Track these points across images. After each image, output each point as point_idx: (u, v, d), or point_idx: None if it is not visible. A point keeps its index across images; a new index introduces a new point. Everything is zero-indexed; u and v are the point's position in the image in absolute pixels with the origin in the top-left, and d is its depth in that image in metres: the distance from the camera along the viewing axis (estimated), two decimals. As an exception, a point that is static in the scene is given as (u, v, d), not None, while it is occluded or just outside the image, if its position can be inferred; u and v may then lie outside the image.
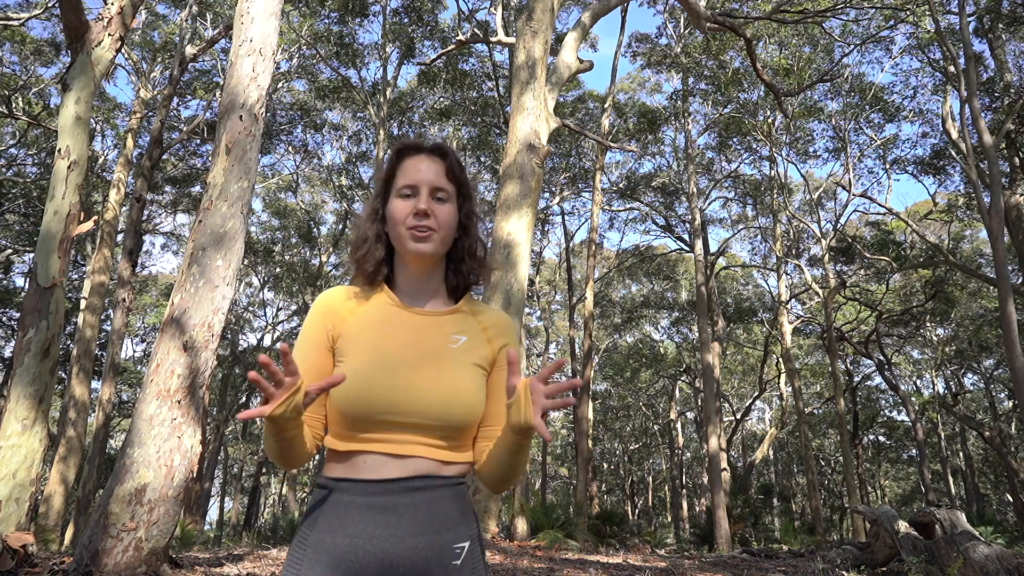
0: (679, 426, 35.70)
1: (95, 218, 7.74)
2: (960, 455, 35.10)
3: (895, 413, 34.42)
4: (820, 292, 22.86)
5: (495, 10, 15.62)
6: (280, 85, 22.20)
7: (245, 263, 26.13)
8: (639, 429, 39.04)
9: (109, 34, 6.99)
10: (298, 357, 1.33)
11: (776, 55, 20.40)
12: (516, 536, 12.55)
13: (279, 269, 28.98)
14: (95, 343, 15.80)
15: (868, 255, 22.14)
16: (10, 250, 22.56)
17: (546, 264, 31.99)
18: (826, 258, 22.98)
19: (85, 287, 17.94)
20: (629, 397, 36.63)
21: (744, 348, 33.06)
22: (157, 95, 18.92)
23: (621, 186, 26.12)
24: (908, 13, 17.35)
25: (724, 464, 20.68)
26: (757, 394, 26.88)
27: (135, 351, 33.67)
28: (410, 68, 27.33)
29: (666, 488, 42.60)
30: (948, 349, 28.63)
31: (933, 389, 30.73)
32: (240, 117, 5.38)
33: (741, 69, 20.85)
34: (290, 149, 25.89)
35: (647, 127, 23.67)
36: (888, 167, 23.19)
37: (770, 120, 22.13)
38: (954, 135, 17.84)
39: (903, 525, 6.36)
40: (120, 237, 18.80)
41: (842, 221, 24.36)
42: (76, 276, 23.26)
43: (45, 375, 5.94)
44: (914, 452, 33.74)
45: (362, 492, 1.25)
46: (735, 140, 23.92)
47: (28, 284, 7.10)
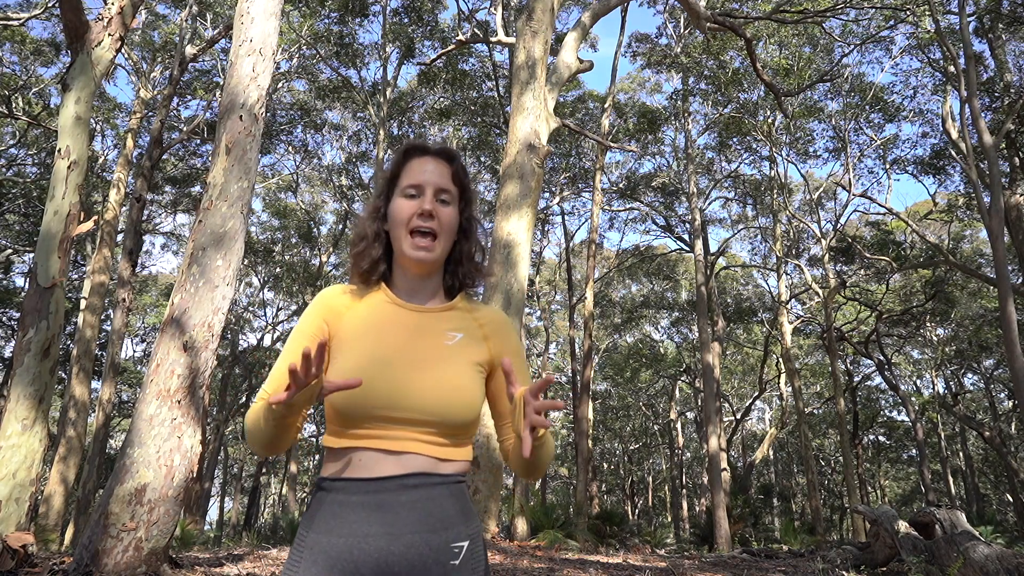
0: (679, 426, 35.69)
1: (95, 218, 7.73)
2: (960, 455, 35.09)
3: (895, 413, 34.43)
4: (820, 292, 22.85)
5: (495, 10, 15.62)
6: (280, 85, 22.20)
7: (245, 263, 26.11)
8: (639, 429, 39.03)
9: (109, 34, 6.99)
10: (293, 351, 1.35)
11: (776, 55, 20.39)
12: (516, 536, 12.55)
13: (279, 269, 28.99)
14: (95, 343, 15.80)
15: (868, 255, 22.13)
16: (10, 250, 22.55)
17: (546, 264, 31.99)
18: (826, 258, 22.97)
19: (85, 287, 17.94)
20: (629, 397, 36.62)
21: (744, 348, 33.04)
22: (157, 95, 18.91)
23: (621, 186, 26.12)
24: (908, 13, 17.34)
25: (724, 464, 20.69)
26: (757, 394, 26.89)
27: (135, 351, 33.69)
28: (410, 68, 27.32)
29: (666, 488, 42.59)
30: (948, 349, 28.61)
31: (933, 389, 30.72)
32: (240, 117, 5.38)
33: (741, 69, 20.84)
34: (290, 149, 25.90)
35: (647, 127, 23.66)
36: (888, 167, 23.17)
37: (770, 120, 22.12)
38: (954, 135, 17.83)
39: (903, 525, 6.35)
40: (120, 237, 18.79)
41: (842, 221, 24.37)
42: (76, 276, 23.23)
43: (45, 375, 5.94)
44: (914, 452, 33.72)
45: (357, 491, 1.25)
46: (735, 140, 23.92)
47: (28, 284, 7.10)
